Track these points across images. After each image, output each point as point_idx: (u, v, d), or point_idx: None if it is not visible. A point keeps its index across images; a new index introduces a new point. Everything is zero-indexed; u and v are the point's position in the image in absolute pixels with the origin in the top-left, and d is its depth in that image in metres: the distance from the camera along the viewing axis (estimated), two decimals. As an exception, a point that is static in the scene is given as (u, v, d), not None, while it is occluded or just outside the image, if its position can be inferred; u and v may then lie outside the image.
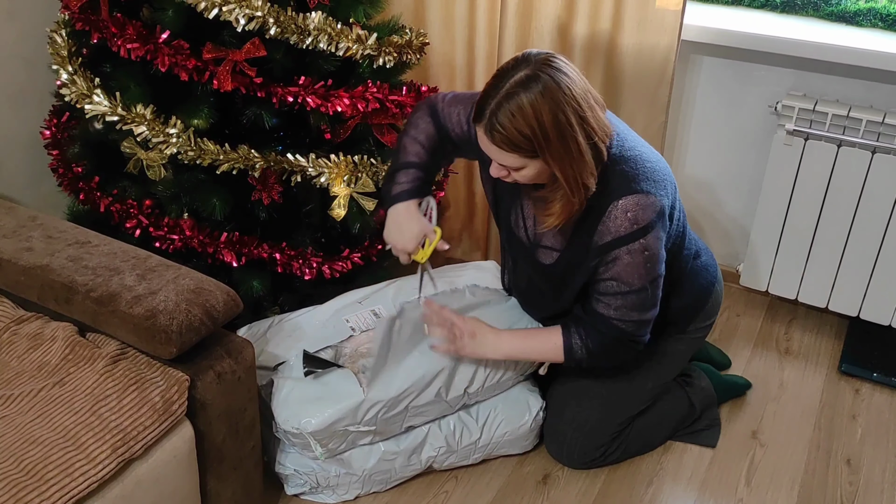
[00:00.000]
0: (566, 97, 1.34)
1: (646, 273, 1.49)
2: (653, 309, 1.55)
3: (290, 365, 1.66)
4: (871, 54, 1.98)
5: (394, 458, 1.69)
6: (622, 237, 1.45)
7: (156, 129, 1.66)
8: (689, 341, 1.80)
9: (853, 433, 1.96)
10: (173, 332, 1.31)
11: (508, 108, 1.33)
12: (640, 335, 1.57)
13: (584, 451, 1.77)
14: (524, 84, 1.34)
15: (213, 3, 1.58)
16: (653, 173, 1.48)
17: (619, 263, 1.48)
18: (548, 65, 1.36)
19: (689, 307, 1.74)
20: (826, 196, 2.09)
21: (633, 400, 1.78)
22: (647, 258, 1.47)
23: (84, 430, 1.22)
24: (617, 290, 1.51)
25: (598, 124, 1.41)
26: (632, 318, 1.53)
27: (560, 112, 1.34)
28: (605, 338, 1.57)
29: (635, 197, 1.44)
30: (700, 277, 1.74)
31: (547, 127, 1.34)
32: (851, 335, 2.27)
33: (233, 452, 1.47)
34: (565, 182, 1.41)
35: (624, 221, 1.44)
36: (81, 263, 1.44)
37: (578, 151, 1.38)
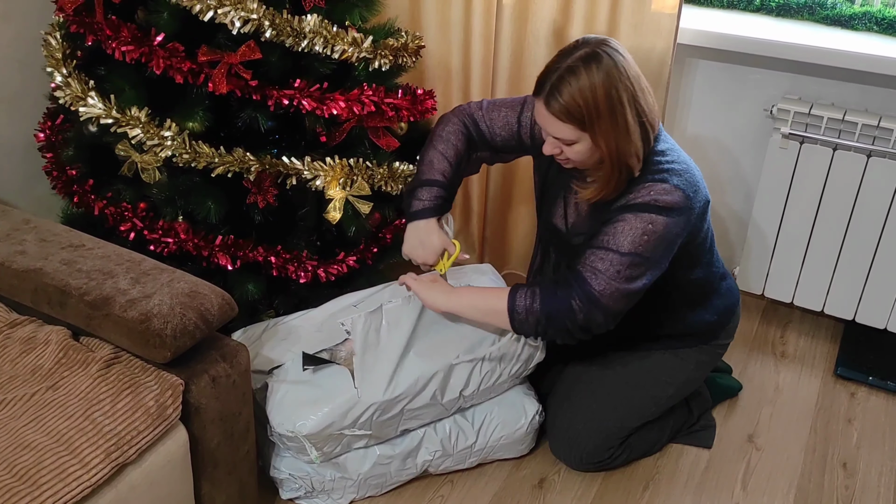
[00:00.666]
0: (620, 75, 1.45)
1: (638, 243, 1.50)
2: (633, 282, 1.51)
3: (286, 368, 1.65)
4: (867, 58, 1.99)
5: (389, 461, 1.69)
6: (635, 204, 1.51)
7: (150, 132, 1.66)
8: (711, 354, 1.82)
9: (849, 437, 1.96)
10: (167, 335, 1.30)
11: (568, 79, 1.44)
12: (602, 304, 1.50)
13: (595, 451, 1.77)
14: (584, 59, 1.45)
15: (209, 6, 1.57)
16: (688, 175, 1.55)
17: (619, 223, 1.51)
18: (607, 45, 1.47)
19: (714, 324, 1.78)
20: (822, 200, 2.09)
21: (653, 405, 1.79)
22: (648, 231, 1.49)
23: (78, 434, 1.21)
24: (603, 244, 1.52)
25: (648, 106, 1.50)
26: (605, 279, 1.50)
27: (613, 88, 1.44)
28: (561, 294, 1.51)
29: (663, 185, 1.51)
30: (725, 298, 1.79)
31: (600, 100, 1.43)
32: (847, 338, 2.27)
33: (227, 457, 1.46)
34: (608, 157, 1.49)
35: (644, 195, 1.50)
36: (75, 267, 1.43)
37: (626, 129, 1.47)
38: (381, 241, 1.98)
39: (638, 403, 1.77)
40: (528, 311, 1.55)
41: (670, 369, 1.77)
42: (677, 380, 1.78)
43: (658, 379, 1.76)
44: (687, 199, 1.52)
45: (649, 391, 1.76)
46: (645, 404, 1.78)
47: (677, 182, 1.51)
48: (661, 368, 1.77)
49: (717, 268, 1.77)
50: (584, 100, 1.43)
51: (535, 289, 1.55)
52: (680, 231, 1.54)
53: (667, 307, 1.72)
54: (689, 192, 1.53)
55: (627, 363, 1.78)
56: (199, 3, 1.57)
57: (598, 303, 1.51)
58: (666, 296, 1.69)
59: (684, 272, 1.68)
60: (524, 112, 1.72)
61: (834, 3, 2.17)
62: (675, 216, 1.51)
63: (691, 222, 1.56)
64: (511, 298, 1.56)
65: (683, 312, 1.74)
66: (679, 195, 1.51)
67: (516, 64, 2.22)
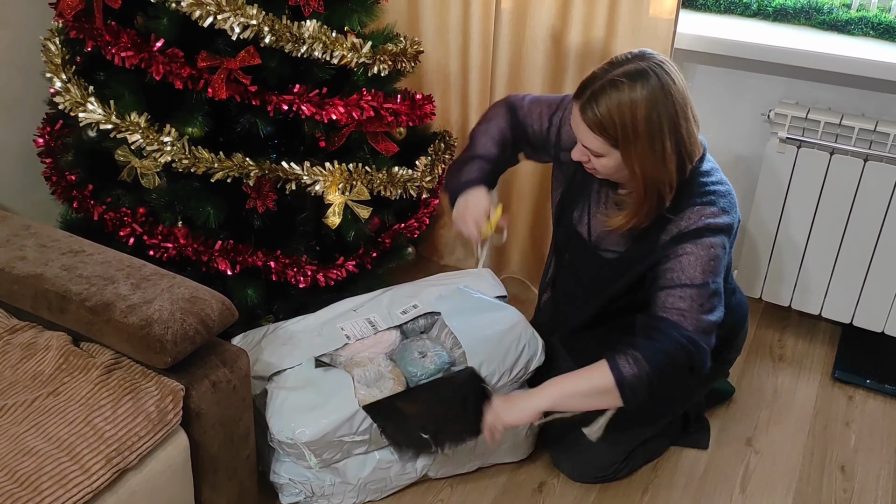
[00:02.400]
0: (666, 100, 1.38)
1: (709, 269, 1.46)
2: (713, 313, 1.47)
3: (285, 374, 1.65)
4: (863, 63, 2.00)
5: (389, 466, 1.69)
6: (691, 231, 1.46)
7: (150, 138, 1.66)
8: (717, 368, 1.79)
9: (847, 440, 1.96)
10: (168, 341, 1.31)
11: (609, 92, 1.38)
12: (701, 344, 1.45)
13: (598, 466, 1.76)
14: (631, 76, 1.38)
15: (208, 12, 1.58)
16: (731, 197, 1.54)
17: (683, 257, 1.46)
18: (660, 66, 1.40)
19: (724, 337, 1.74)
20: (819, 204, 2.10)
21: (657, 420, 1.79)
22: (713, 256, 1.46)
23: (78, 440, 1.22)
24: (677, 282, 1.46)
25: (690, 138, 1.45)
26: (693, 317, 1.45)
27: (655, 112, 1.38)
28: (662, 346, 1.43)
29: (712, 208, 1.48)
30: (736, 313, 1.77)
31: (639, 121, 1.37)
32: (844, 342, 2.27)
33: (227, 462, 1.46)
34: (641, 181, 1.44)
35: (697, 220, 1.47)
36: (75, 272, 1.43)
37: (662, 156, 1.41)
38: (381, 245, 1.99)
39: (643, 418, 1.76)
40: (638, 378, 1.44)
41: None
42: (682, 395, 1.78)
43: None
44: (732, 221, 1.51)
45: (655, 407, 1.76)
46: (650, 420, 1.77)
47: (724, 205, 1.50)
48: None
49: (730, 283, 1.75)
50: (620, 117, 1.37)
51: (634, 352, 1.45)
52: (727, 250, 1.53)
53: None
54: (733, 213, 1.52)
55: None
56: (199, 9, 1.58)
57: (698, 343, 1.45)
58: None
59: None
60: (557, 112, 1.69)
61: (830, 7, 2.18)
62: (725, 236, 1.50)
63: (731, 243, 1.55)
64: (615, 371, 1.44)
65: None
66: (726, 217, 1.50)
67: (514, 69, 2.22)
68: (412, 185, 1.92)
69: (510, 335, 1.75)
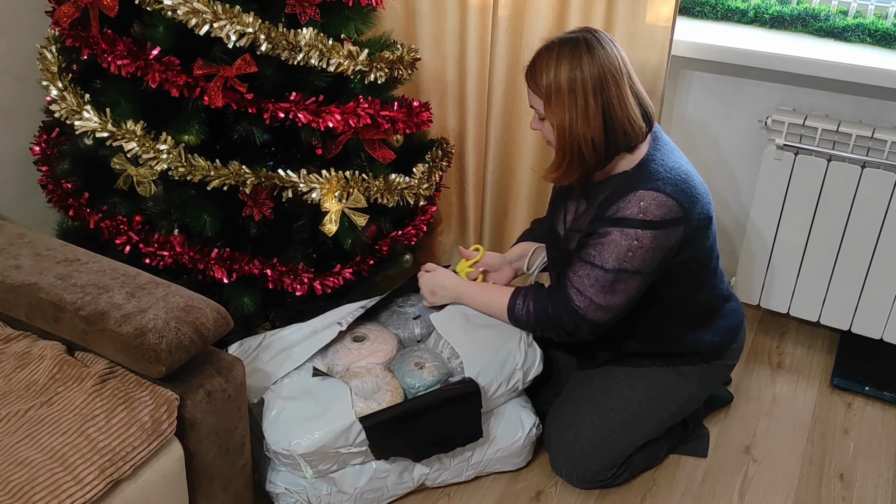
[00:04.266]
0: (592, 61, 1.50)
1: (623, 259, 1.53)
2: (610, 298, 1.56)
3: (282, 384, 1.64)
4: (860, 69, 2.00)
5: (385, 475, 1.68)
6: (623, 218, 1.52)
7: (146, 146, 1.66)
8: (713, 374, 1.81)
9: (846, 448, 1.95)
10: (162, 350, 1.30)
11: (543, 54, 1.55)
12: (586, 319, 1.58)
13: (598, 469, 1.76)
14: (563, 39, 1.54)
15: (204, 20, 1.58)
16: (686, 186, 1.55)
17: (605, 238, 1.54)
18: (594, 36, 1.53)
19: (716, 344, 1.77)
20: (816, 210, 2.10)
21: (657, 421, 1.78)
22: (633, 248, 1.52)
23: (72, 450, 1.21)
24: (590, 258, 1.57)
25: (622, 103, 1.52)
26: (588, 294, 1.57)
27: (579, 69, 1.50)
28: (551, 310, 1.62)
29: (655, 194, 1.51)
30: (729, 320, 1.79)
31: (561, 74, 1.50)
32: (843, 349, 2.27)
33: (223, 472, 1.45)
34: (557, 134, 1.54)
35: (634, 207, 1.51)
36: (70, 281, 1.42)
37: (585, 112, 1.51)
38: (378, 253, 1.98)
39: (642, 421, 1.76)
40: (524, 321, 1.69)
41: (673, 386, 1.76)
42: (680, 397, 1.77)
43: (661, 396, 1.76)
44: (681, 210, 1.52)
45: (652, 408, 1.76)
46: (649, 422, 1.77)
47: (670, 191, 1.52)
48: (664, 385, 1.76)
49: (721, 289, 1.77)
50: (547, 71, 1.52)
51: (530, 299, 1.67)
52: (674, 241, 1.54)
53: (669, 327, 1.72)
54: (683, 202, 1.53)
55: (630, 381, 1.77)
56: (195, 18, 1.58)
57: (584, 318, 1.59)
58: (668, 315, 1.70)
59: (688, 293, 1.68)
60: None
61: (827, 14, 2.18)
62: (667, 227, 1.52)
63: (689, 234, 1.56)
64: (510, 304, 1.68)
65: (685, 332, 1.74)
66: (671, 206, 1.51)
67: (511, 76, 2.22)
68: (409, 193, 1.92)
69: (508, 345, 1.74)
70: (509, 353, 1.73)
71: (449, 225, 2.51)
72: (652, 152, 1.58)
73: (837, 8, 2.19)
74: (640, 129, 1.56)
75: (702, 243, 1.62)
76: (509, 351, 1.73)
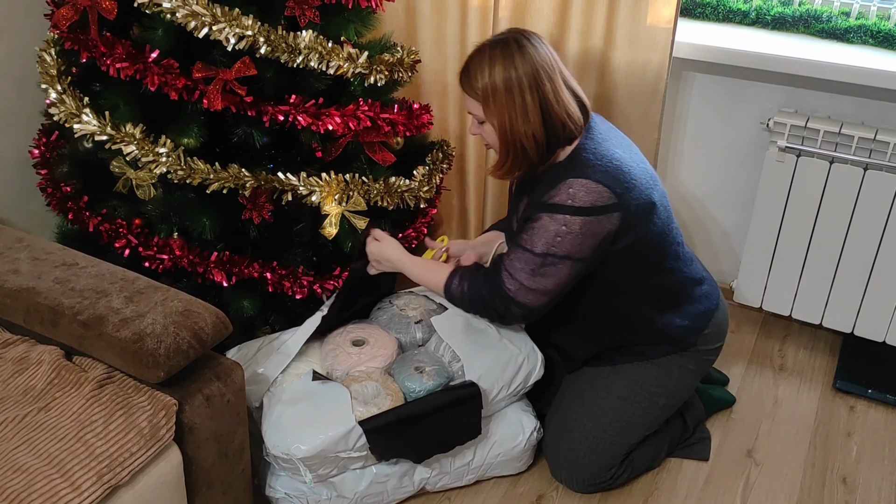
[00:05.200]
0: (524, 59, 1.53)
1: (552, 243, 1.55)
2: (541, 282, 1.57)
3: (282, 387, 1.64)
4: (862, 71, 1.99)
5: (386, 480, 1.67)
6: (552, 204, 1.54)
7: (145, 149, 1.65)
8: (696, 361, 1.79)
9: (849, 451, 1.94)
10: (161, 355, 1.29)
11: (475, 58, 1.58)
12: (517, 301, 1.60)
13: (596, 472, 1.75)
14: (493, 42, 1.58)
15: (204, 23, 1.57)
16: (617, 172, 1.56)
17: (535, 223, 1.56)
18: (522, 35, 1.57)
19: (687, 329, 1.75)
20: (819, 212, 2.09)
21: (646, 416, 1.77)
22: (562, 233, 1.54)
23: (69, 456, 1.20)
24: (521, 242, 1.59)
25: (557, 98, 1.55)
26: (518, 277, 1.58)
27: (513, 68, 1.53)
28: (484, 291, 1.64)
29: (584, 181, 1.53)
30: (700, 304, 1.77)
31: (496, 75, 1.54)
32: (845, 351, 2.26)
33: (222, 477, 1.45)
34: (500, 133, 1.57)
35: (563, 194, 1.54)
36: (68, 286, 1.42)
37: (524, 109, 1.54)
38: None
39: (632, 418, 1.76)
40: (459, 299, 1.70)
41: (655, 379, 1.75)
42: (666, 388, 1.76)
43: (646, 390, 1.75)
44: (614, 196, 1.53)
45: (640, 404, 1.75)
46: (639, 418, 1.76)
47: (599, 178, 1.53)
48: (647, 379, 1.75)
49: (689, 272, 1.75)
50: (481, 73, 1.55)
51: (467, 279, 1.68)
52: (610, 228, 1.55)
53: (636, 314, 1.71)
54: (616, 188, 1.53)
55: (614, 380, 1.76)
56: (194, 20, 1.57)
57: (513, 301, 1.61)
58: (632, 302, 1.69)
59: (648, 279, 1.68)
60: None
61: (829, 16, 2.17)
62: (598, 214, 1.53)
63: (627, 220, 1.56)
64: (447, 282, 1.70)
65: (652, 317, 1.72)
66: (601, 192, 1.52)
67: (512, 78, 2.21)
68: (410, 196, 1.91)
69: (510, 348, 1.73)
70: (511, 356, 1.73)
71: (450, 227, 2.50)
72: (583, 142, 1.60)
73: (840, 9, 2.18)
74: (579, 121, 1.59)
75: (647, 229, 1.61)
76: (511, 354, 1.73)
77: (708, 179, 2.35)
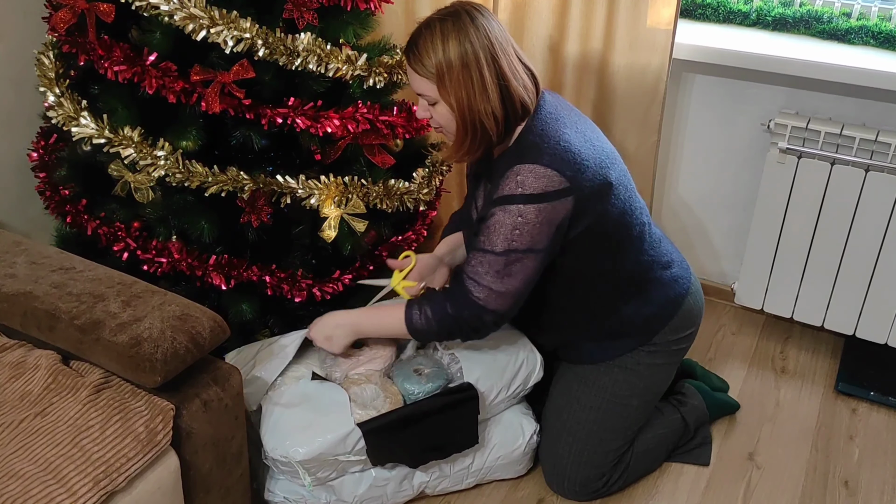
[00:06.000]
0: (478, 33, 1.45)
1: (511, 239, 1.47)
2: (509, 282, 1.50)
3: (280, 391, 1.63)
4: (864, 72, 1.98)
5: (385, 483, 1.66)
6: (503, 196, 1.47)
7: (143, 152, 1.65)
8: (664, 354, 1.75)
9: (851, 454, 1.93)
10: (158, 360, 1.29)
11: (423, 32, 1.48)
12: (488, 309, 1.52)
13: (587, 481, 1.74)
14: (442, 16, 1.48)
15: (201, 25, 1.57)
16: (565, 154, 1.48)
17: (491, 221, 1.49)
18: (474, 8, 1.48)
19: (653, 317, 1.70)
20: (820, 214, 2.08)
21: (623, 421, 1.75)
22: (519, 224, 1.46)
23: (66, 462, 1.20)
24: (481, 245, 1.51)
25: (512, 71, 1.48)
26: (484, 283, 1.51)
27: (468, 42, 1.45)
28: (451, 309, 1.54)
29: (532, 167, 1.46)
30: (668, 288, 1.71)
31: (450, 50, 1.45)
32: (847, 354, 2.25)
33: (220, 482, 1.44)
34: (458, 111, 1.48)
35: (511, 183, 1.46)
36: (65, 290, 1.41)
37: (482, 85, 1.46)
38: (377, 258, 1.97)
39: (608, 425, 1.74)
40: (426, 331, 1.59)
41: (624, 382, 1.73)
42: (636, 389, 1.73)
43: (616, 395, 1.73)
44: (564, 180, 1.45)
45: (613, 410, 1.73)
46: (616, 424, 1.74)
47: (547, 162, 1.46)
48: (614, 385, 1.73)
49: (655, 255, 1.68)
50: (434, 49, 1.45)
51: (426, 305, 1.58)
52: (564, 214, 1.48)
53: (599, 301, 1.67)
54: (566, 171, 1.46)
55: (584, 392, 1.74)
56: (192, 23, 1.56)
57: (485, 309, 1.53)
58: (595, 289, 1.65)
59: (610, 263, 1.62)
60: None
61: (830, 17, 2.16)
62: (551, 199, 1.46)
63: (582, 203, 1.49)
64: (408, 320, 1.59)
65: (616, 304, 1.67)
66: (551, 176, 1.45)
67: (512, 80, 2.21)
68: (409, 198, 1.91)
69: (508, 350, 1.73)
70: (510, 358, 1.72)
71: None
72: (531, 123, 1.52)
73: (840, 10, 2.17)
74: (534, 96, 1.52)
75: (605, 210, 1.54)
76: (510, 357, 1.72)
77: (708, 181, 2.34)
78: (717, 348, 2.29)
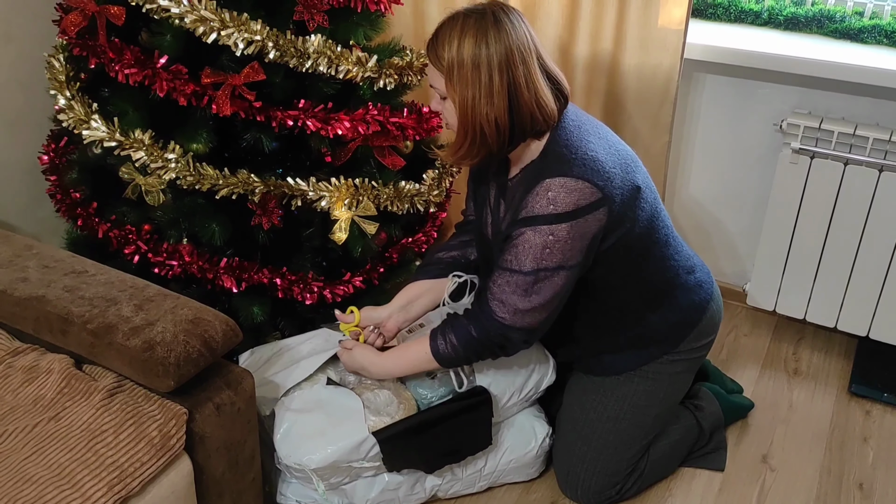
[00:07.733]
0: (498, 36, 1.40)
1: (541, 258, 1.43)
2: (537, 299, 1.46)
3: (293, 396, 1.62)
4: (877, 72, 1.96)
5: (397, 487, 1.66)
6: (535, 216, 1.43)
7: (154, 155, 1.64)
8: (686, 363, 1.74)
9: (865, 456, 1.92)
10: (171, 364, 1.28)
11: (446, 24, 1.44)
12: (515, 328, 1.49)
13: (601, 489, 1.73)
14: (468, 12, 1.43)
15: (212, 28, 1.56)
16: (593, 164, 1.44)
17: (519, 240, 1.45)
18: (500, 8, 1.43)
19: (679, 324, 1.68)
20: (833, 215, 2.07)
21: (641, 429, 1.74)
22: (549, 244, 1.42)
23: (79, 467, 1.19)
24: (507, 265, 1.47)
25: (528, 82, 1.42)
26: (510, 302, 1.47)
27: (485, 44, 1.39)
28: (476, 332, 1.51)
29: (562, 180, 1.41)
30: (693, 294, 1.68)
31: (465, 51, 1.40)
32: (861, 355, 2.23)
33: (232, 485, 1.44)
34: (460, 111, 1.44)
35: (542, 200, 1.42)
36: (78, 294, 1.41)
37: (489, 90, 1.40)
38: (388, 260, 1.96)
39: (624, 434, 1.72)
40: (453, 356, 1.56)
41: (644, 393, 1.71)
42: (655, 399, 1.72)
43: (636, 405, 1.71)
44: (597, 191, 1.41)
45: (632, 420, 1.72)
46: (633, 433, 1.73)
47: (578, 173, 1.41)
48: (636, 394, 1.71)
49: (679, 260, 1.65)
50: (450, 44, 1.41)
51: (449, 331, 1.55)
52: (597, 226, 1.45)
53: (624, 309, 1.64)
54: (598, 181, 1.42)
55: (602, 401, 1.72)
56: (203, 26, 1.56)
57: (512, 328, 1.50)
58: (623, 299, 1.62)
59: (636, 269, 1.58)
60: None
61: (843, 16, 2.15)
62: (584, 214, 1.42)
63: (616, 213, 1.46)
64: (433, 349, 1.56)
65: (643, 313, 1.64)
66: (582, 188, 1.41)
67: (522, 80, 2.20)
68: (420, 200, 1.90)
69: (520, 353, 1.71)
70: (522, 361, 1.71)
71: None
72: (556, 135, 1.47)
73: (853, 9, 2.15)
74: (552, 113, 1.45)
75: (636, 217, 1.51)
76: (522, 360, 1.71)
77: (720, 182, 2.33)
78: (730, 350, 2.28)
